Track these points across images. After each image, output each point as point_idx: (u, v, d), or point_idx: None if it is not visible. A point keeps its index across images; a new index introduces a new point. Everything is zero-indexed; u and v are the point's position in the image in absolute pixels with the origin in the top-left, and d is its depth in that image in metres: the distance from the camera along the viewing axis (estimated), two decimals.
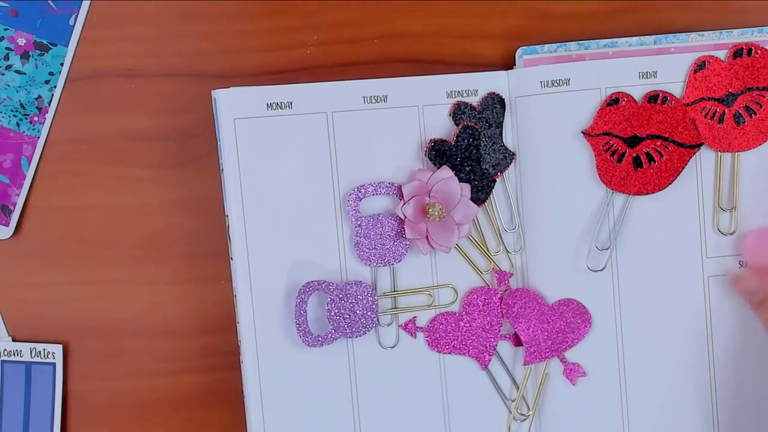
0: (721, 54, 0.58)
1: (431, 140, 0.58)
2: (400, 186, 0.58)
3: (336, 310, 0.58)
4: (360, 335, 0.58)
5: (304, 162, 0.58)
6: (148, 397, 0.62)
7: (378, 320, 0.59)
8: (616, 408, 0.60)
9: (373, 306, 0.58)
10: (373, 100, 0.58)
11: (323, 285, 0.58)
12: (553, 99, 0.58)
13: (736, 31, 0.59)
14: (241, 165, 0.57)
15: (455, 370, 0.60)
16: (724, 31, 0.59)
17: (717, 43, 0.58)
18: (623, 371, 0.59)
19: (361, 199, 0.58)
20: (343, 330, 0.58)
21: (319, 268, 0.59)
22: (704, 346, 0.59)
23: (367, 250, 0.58)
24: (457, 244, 0.59)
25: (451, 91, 0.59)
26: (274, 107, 0.57)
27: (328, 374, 0.59)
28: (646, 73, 0.58)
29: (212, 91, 0.58)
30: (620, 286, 0.59)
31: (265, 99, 0.57)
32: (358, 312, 0.58)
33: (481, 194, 0.59)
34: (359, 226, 0.58)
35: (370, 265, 0.58)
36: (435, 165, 0.58)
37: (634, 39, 0.59)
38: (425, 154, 0.58)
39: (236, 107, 0.57)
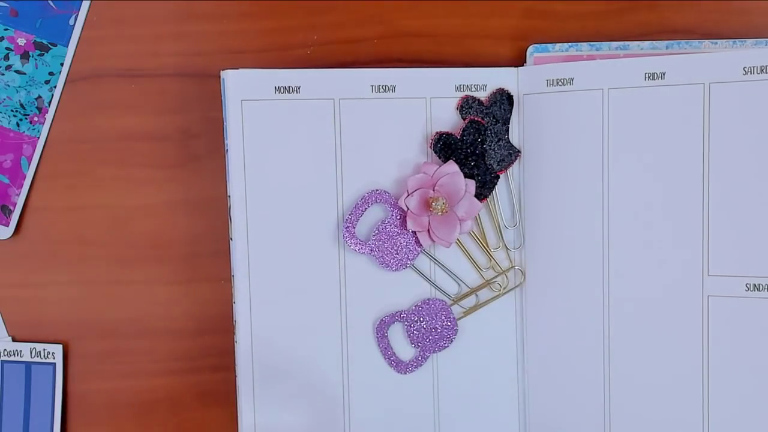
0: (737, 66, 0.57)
1: (437, 133, 0.58)
2: (387, 192, 0.58)
3: (417, 333, 0.59)
4: (446, 347, 0.60)
5: (308, 146, 0.58)
6: (148, 397, 0.62)
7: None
8: (599, 426, 0.59)
9: (451, 317, 0.59)
10: (381, 89, 0.58)
11: (396, 316, 0.59)
12: (557, 98, 0.58)
13: (750, 40, 0.59)
14: (246, 146, 0.57)
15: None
16: (737, 39, 0.59)
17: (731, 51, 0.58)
18: (608, 380, 0.59)
19: (356, 227, 0.58)
20: (430, 348, 0.60)
21: (317, 251, 0.59)
22: (698, 370, 0.57)
23: (387, 259, 0.58)
24: (457, 239, 0.59)
25: (460, 85, 0.59)
26: (282, 91, 0.57)
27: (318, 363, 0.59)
28: (653, 74, 0.57)
29: (221, 71, 0.58)
30: (610, 294, 0.58)
31: (273, 82, 0.58)
32: (438, 327, 0.59)
33: (484, 190, 0.59)
34: (371, 250, 0.58)
35: (393, 270, 0.59)
36: (440, 158, 0.58)
37: (646, 43, 0.59)
38: (430, 147, 0.58)
39: (244, 88, 0.57)
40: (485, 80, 0.59)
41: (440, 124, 0.59)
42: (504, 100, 0.59)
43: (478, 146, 0.58)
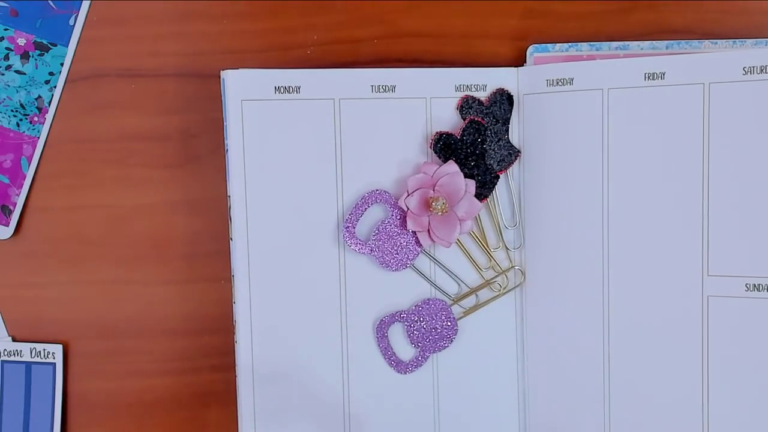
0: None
1: (437, 133, 0.58)
2: (387, 192, 0.58)
3: (417, 333, 0.59)
4: (446, 347, 0.60)
5: (308, 146, 0.58)
6: (148, 397, 0.62)
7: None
8: (599, 426, 0.59)
9: (451, 317, 0.59)
10: (381, 89, 0.58)
11: (396, 316, 0.59)
12: (557, 98, 0.58)
13: (750, 40, 0.59)
14: (246, 146, 0.57)
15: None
16: (737, 39, 0.59)
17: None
18: (608, 379, 0.58)
19: (356, 227, 0.58)
20: (430, 348, 0.60)
21: (317, 251, 0.59)
22: (698, 370, 0.57)
23: (388, 259, 0.58)
24: (457, 239, 0.59)
25: (460, 85, 0.59)
26: (282, 91, 0.57)
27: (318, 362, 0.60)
28: (653, 74, 0.57)
29: (221, 71, 0.58)
30: (610, 294, 0.58)
31: (273, 82, 0.57)
32: (438, 327, 0.59)
33: (484, 190, 0.59)
34: (371, 250, 0.58)
35: (393, 270, 0.59)
36: (440, 158, 0.58)
37: (646, 43, 0.59)
38: (431, 147, 0.58)
39: (244, 88, 0.57)
40: (485, 80, 0.59)
41: (440, 124, 0.59)
42: (504, 100, 0.59)
43: (478, 146, 0.58)
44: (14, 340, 0.61)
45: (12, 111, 0.60)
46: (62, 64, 0.61)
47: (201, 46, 0.61)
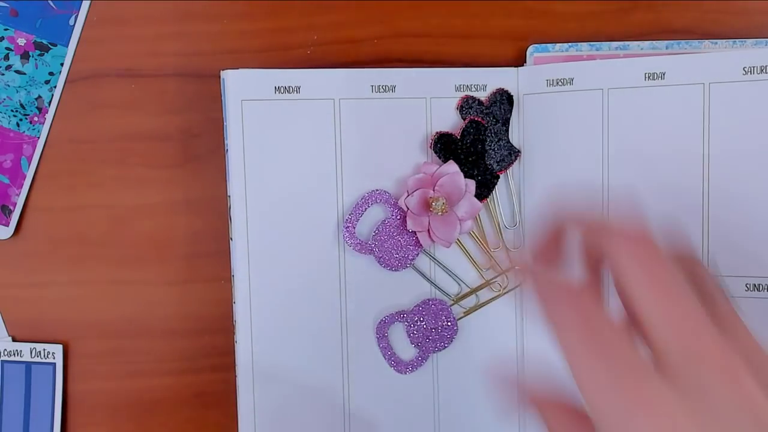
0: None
1: (437, 133, 0.58)
2: (387, 192, 0.58)
3: (417, 333, 0.59)
4: (446, 347, 0.60)
5: (308, 146, 0.58)
6: (148, 397, 0.62)
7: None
8: None
9: (451, 317, 0.59)
10: (381, 90, 0.58)
11: (396, 316, 0.59)
12: (557, 98, 0.58)
13: (750, 40, 0.59)
14: (246, 146, 0.57)
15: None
16: (737, 39, 0.59)
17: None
18: None
19: (356, 227, 0.58)
20: (430, 348, 0.60)
21: (317, 251, 0.59)
22: None
23: (388, 259, 0.58)
24: (457, 239, 0.59)
25: (460, 85, 0.59)
26: (282, 91, 0.58)
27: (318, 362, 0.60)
28: (653, 74, 0.57)
29: (221, 71, 0.58)
30: (610, 295, 0.58)
31: (273, 82, 0.58)
32: (438, 327, 0.59)
33: (483, 190, 0.59)
34: (371, 250, 0.58)
35: (394, 269, 0.59)
36: (440, 158, 0.58)
37: (646, 43, 0.59)
38: (430, 147, 0.58)
39: (244, 88, 0.57)
40: (485, 80, 0.59)
41: (441, 123, 0.59)
42: (504, 100, 0.59)
43: (478, 146, 0.58)
44: (14, 340, 0.61)
45: (12, 111, 0.60)
46: (62, 64, 0.61)
47: (201, 46, 0.61)
